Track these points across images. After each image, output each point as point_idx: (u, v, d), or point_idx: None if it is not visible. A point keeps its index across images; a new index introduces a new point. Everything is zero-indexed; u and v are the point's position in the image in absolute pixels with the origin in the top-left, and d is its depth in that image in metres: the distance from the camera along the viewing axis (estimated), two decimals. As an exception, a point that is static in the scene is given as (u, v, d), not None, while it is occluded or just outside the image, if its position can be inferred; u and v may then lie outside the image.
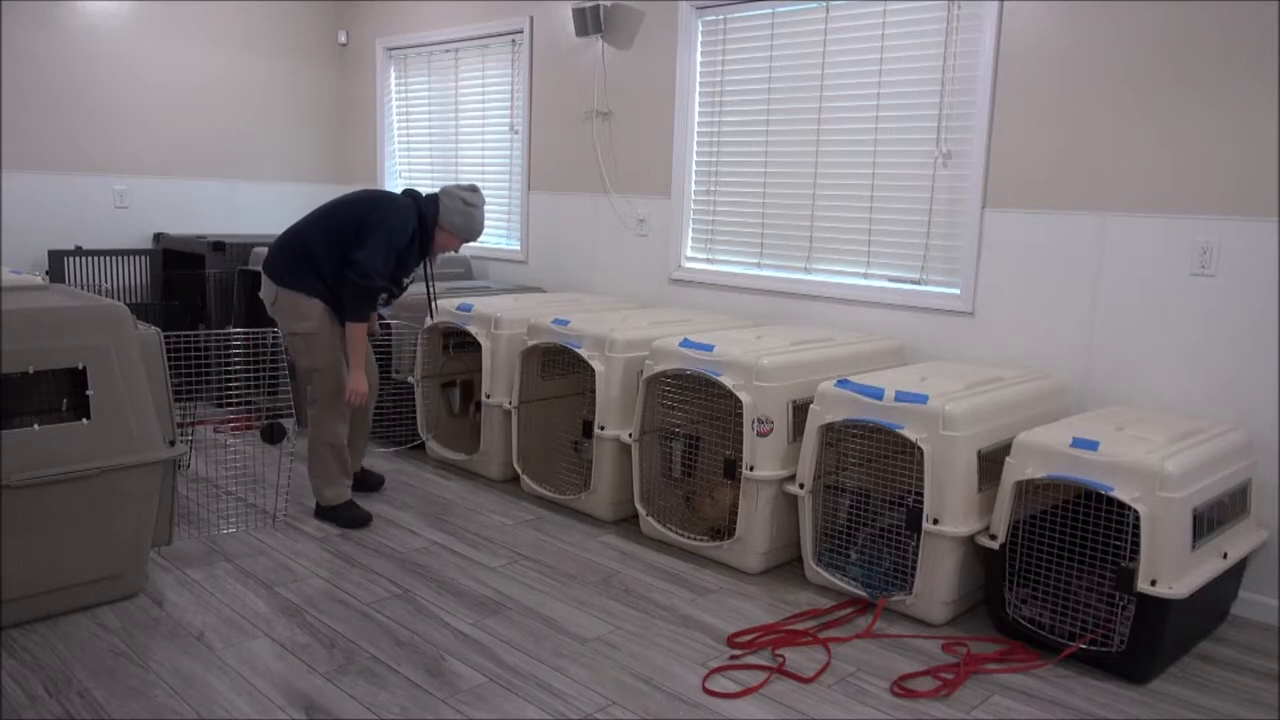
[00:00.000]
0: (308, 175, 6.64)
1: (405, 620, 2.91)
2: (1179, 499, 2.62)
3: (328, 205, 3.54)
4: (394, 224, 3.42)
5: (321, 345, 3.50)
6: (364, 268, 3.36)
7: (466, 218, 3.56)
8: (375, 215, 3.42)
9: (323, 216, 3.51)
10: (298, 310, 3.47)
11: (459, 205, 3.55)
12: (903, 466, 3.12)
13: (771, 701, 2.53)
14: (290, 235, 3.52)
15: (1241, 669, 2.85)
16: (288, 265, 3.47)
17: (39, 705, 2.37)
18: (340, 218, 3.47)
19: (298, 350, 3.53)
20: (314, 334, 3.48)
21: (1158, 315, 3.32)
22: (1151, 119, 3.29)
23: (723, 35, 4.50)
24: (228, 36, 6.12)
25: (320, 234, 3.46)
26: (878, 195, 4.03)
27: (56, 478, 2.69)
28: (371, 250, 3.38)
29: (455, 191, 3.56)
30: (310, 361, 3.53)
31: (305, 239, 3.47)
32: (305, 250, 3.46)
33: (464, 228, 3.57)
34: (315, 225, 3.49)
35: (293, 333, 3.51)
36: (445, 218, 3.55)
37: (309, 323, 3.48)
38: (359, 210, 3.45)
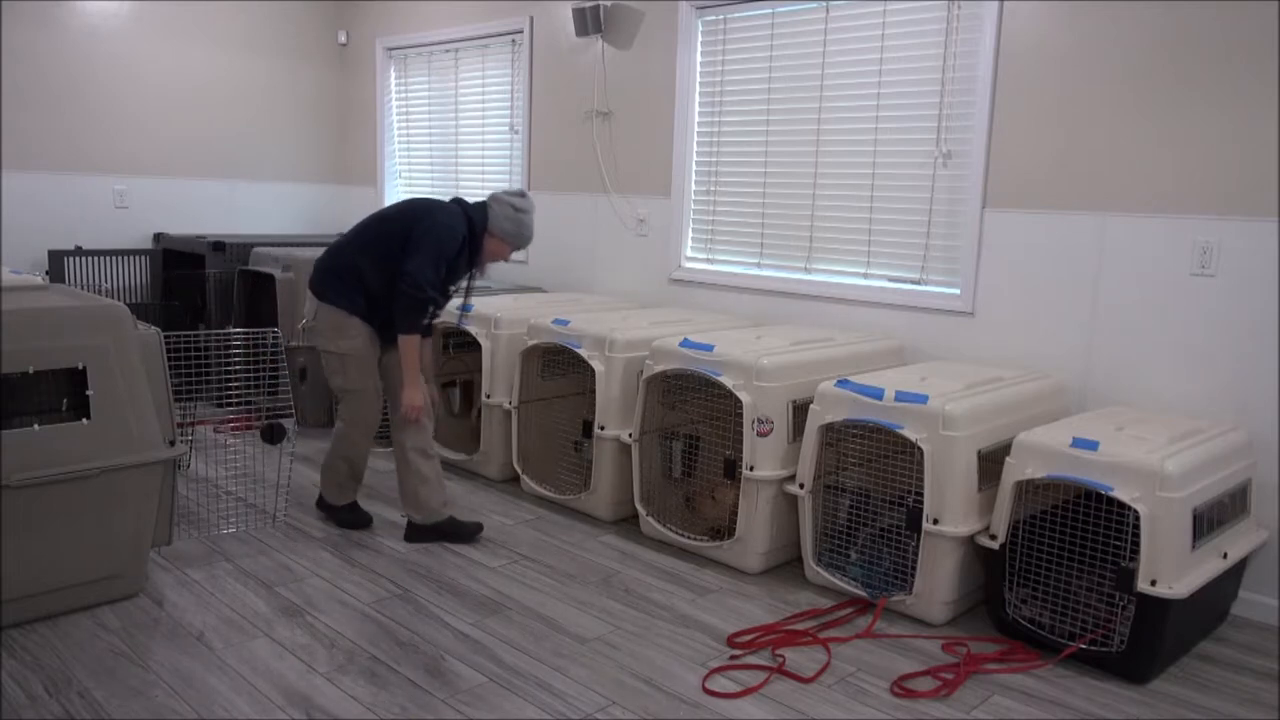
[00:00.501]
0: (308, 175, 6.64)
1: (405, 620, 2.91)
2: (1179, 499, 2.61)
3: (372, 217, 3.42)
4: (443, 232, 3.27)
5: (357, 367, 3.39)
6: (415, 278, 3.22)
7: (517, 224, 3.40)
8: (423, 224, 3.27)
9: (367, 229, 3.38)
10: (338, 327, 3.35)
11: (509, 211, 3.38)
12: (903, 466, 3.12)
13: (771, 701, 2.53)
14: (334, 250, 3.40)
15: (1241, 669, 2.85)
16: (331, 280, 3.35)
17: (39, 705, 2.37)
18: (386, 230, 3.33)
19: (331, 369, 3.42)
20: (350, 355, 3.37)
21: (1158, 315, 3.32)
22: (1151, 119, 3.29)
23: (723, 35, 4.50)
24: (228, 36, 6.12)
25: (366, 247, 3.33)
26: (878, 195, 4.03)
27: (56, 478, 2.69)
28: (421, 260, 3.23)
29: (504, 197, 3.41)
30: (343, 382, 3.42)
31: (350, 253, 3.34)
32: (350, 265, 3.33)
33: (515, 234, 3.41)
34: (360, 238, 3.36)
35: (329, 351, 3.39)
36: (495, 224, 3.38)
37: (348, 342, 3.36)
38: (406, 221, 3.31)
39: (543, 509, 3.97)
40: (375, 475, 4.33)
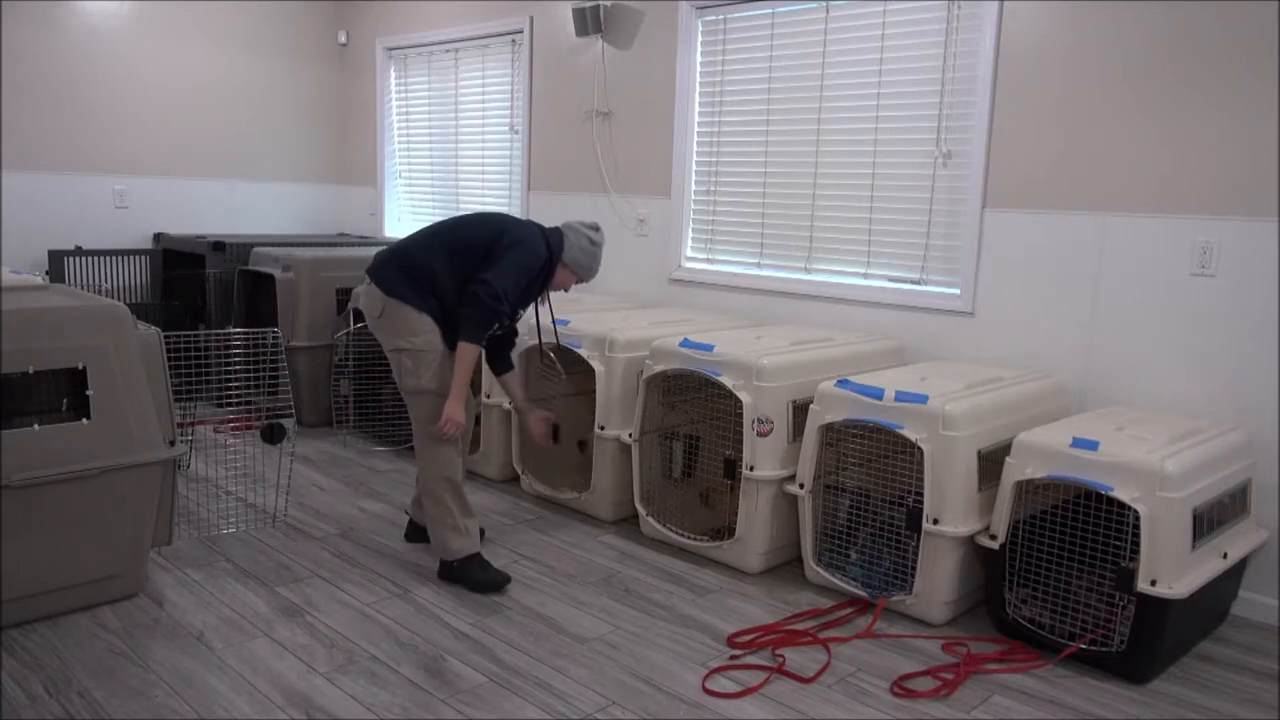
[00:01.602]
0: (308, 175, 6.64)
1: (405, 620, 2.91)
2: (1179, 499, 2.61)
3: (448, 222, 3.23)
4: (529, 249, 3.12)
5: (431, 365, 3.13)
6: (493, 287, 3.02)
7: (590, 257, 3.26)
8: (508, 237, 3.11)
9: (443, 232, 3.19)
10: (408, 324, 3.12)
11: (584, 243, 3.24)
12: (903, 466, 3.12)
13: (771, 701, 2.53)
14: (404, 247, 3.19)
15: (1241, 669, 2.85)
16: (400, 275, 3.13)
17: (39, 705, 2.37)
18: (465, 236, 3.15)
19: (404, 369, 3.15)
20: (425, 351, 3.12)
21: (1158, 315, 3.32)
22: (1151, 119, 3.29)
23: (723, 35, 4.50)
24: (228, 36, 6.12)
25: (441, 250, 3.13)
26: (878, 195, 4.03)
27: (56, 478, 2.69)
28: (503, 271, 3.05)
29: (580, 228, 3.25)
30: (417, 381, 3.14)
31: (422, 252, 3.14)
32: (422, 264, 3.13)
33: (586, 267, 3.26)
34: (435, 240, 3.16)
35: (399, 349, 3.14)
36: (569, 254, 3.22)
37: (420, 338, 3.11)
38: (488, 231, 3.14)
39: (543, 509, 3.97)
40: (376, 475, 4.34)
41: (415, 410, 3.17)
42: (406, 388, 3.17)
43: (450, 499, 3.16)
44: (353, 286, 5.01)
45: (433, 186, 6.19)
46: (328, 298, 5.00)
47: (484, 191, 5.82)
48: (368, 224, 6.63)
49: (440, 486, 3.15)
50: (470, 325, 3.05)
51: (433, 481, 3.16)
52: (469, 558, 3.17)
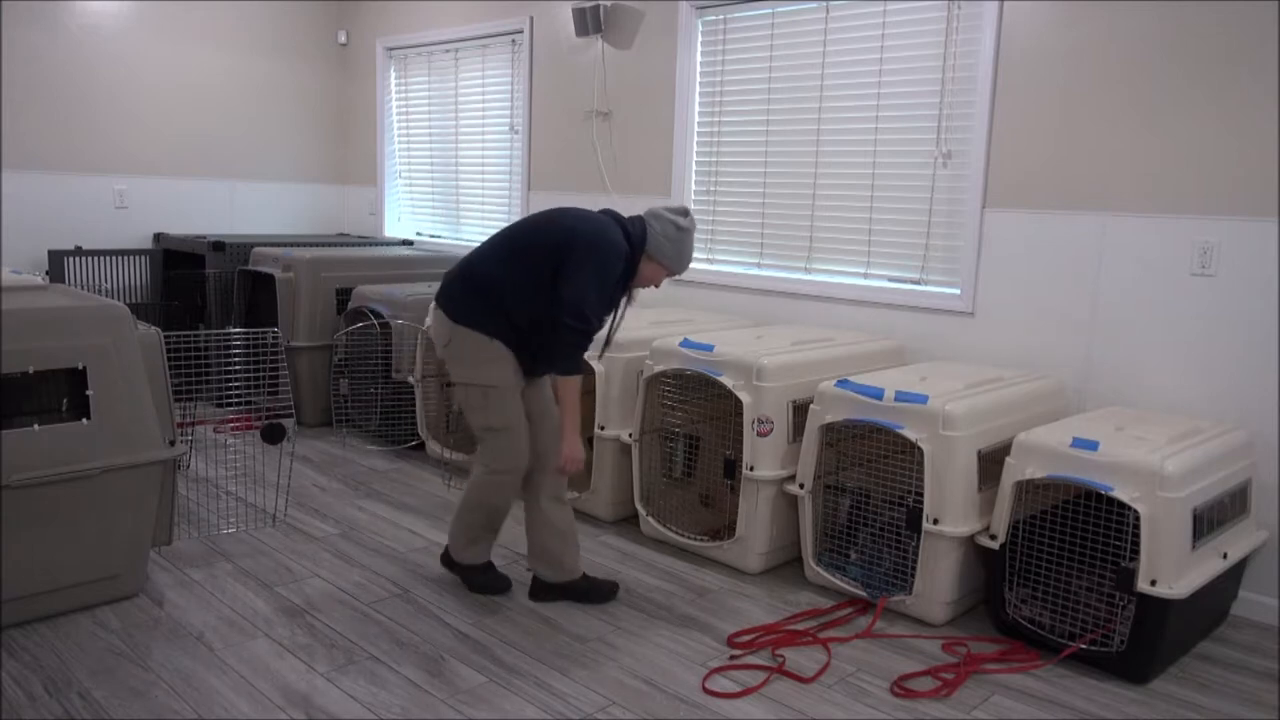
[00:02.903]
0: (308, 175, 6.64)
1: (405, 620, 2.91)
2: (1179, 499, 2.61)
3: (514, 229, 2.89)
4: (607, 251, 2.78)
5: (503, 402, 2.86)
6: (579, 308, 2.73)
7: (679, 245, 2.90)
8: (583, 240, 2.76)
9: (509, 241, 2.86)
10: (477, 354, 2.84)
11: (671, 230, 2.88)
12: (903, 466, 3.12)
13: (772, 701, 2.53)
14: (470, 264, 2.88)
15: (1241, 669, 2.85)
16: (468, 298, 2.83)
17: (39, 705, 2.37)
18: (533, 244, 2.81)
19: (472, 405, 2.89)
20: (496, 387, 2.85)
21: (1158, 315, 3.32)
22: (1151, 119, 3.29)
23: (723, 35, 4.50)
24: (228, 36, 6.12)
25: (509, 264, 2.81)
26: (878, 195, 4.03)
27: (56, 478, 2.69)
28: (583, 285, 2.74)
29: (665, 214, 2.90)
30: (486, 419, 2.89)
31: (490, 269, 2.83)
32: (490, 283, 2.81)
33: (675, 258, 2.91)
34: (501, 253, 2.84)
35: (469, 383, 2.87)
36: (654, 245, 2.88)
37: (492, 371, 2.84)
38: (558, 236, 2.78)
39: (543, 509, 3.97)
40: (376, 475, 4.34)
41: (482, 444, 2.94)
42: (474, 424, 2.92)
43: (482, 521, 3.04)
44: (353, 286, 5.01)
45: (433, 186, 6.19)
46: (328, 298, 5.00)
47: (484, 191, 5.82)
48: (368, 224, 6.63)
49: (479, 511, 3.02)
50: (564, 356, 2.79)
51: (474, 506, 3.01)
52: (479, 564, 3.14)
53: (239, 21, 6.16)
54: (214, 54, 6.08)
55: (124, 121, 5.76)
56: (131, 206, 5.84)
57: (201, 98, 6.06)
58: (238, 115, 6.24)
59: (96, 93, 5.63)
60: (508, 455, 2.93)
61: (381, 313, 4.64)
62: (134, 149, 5.82)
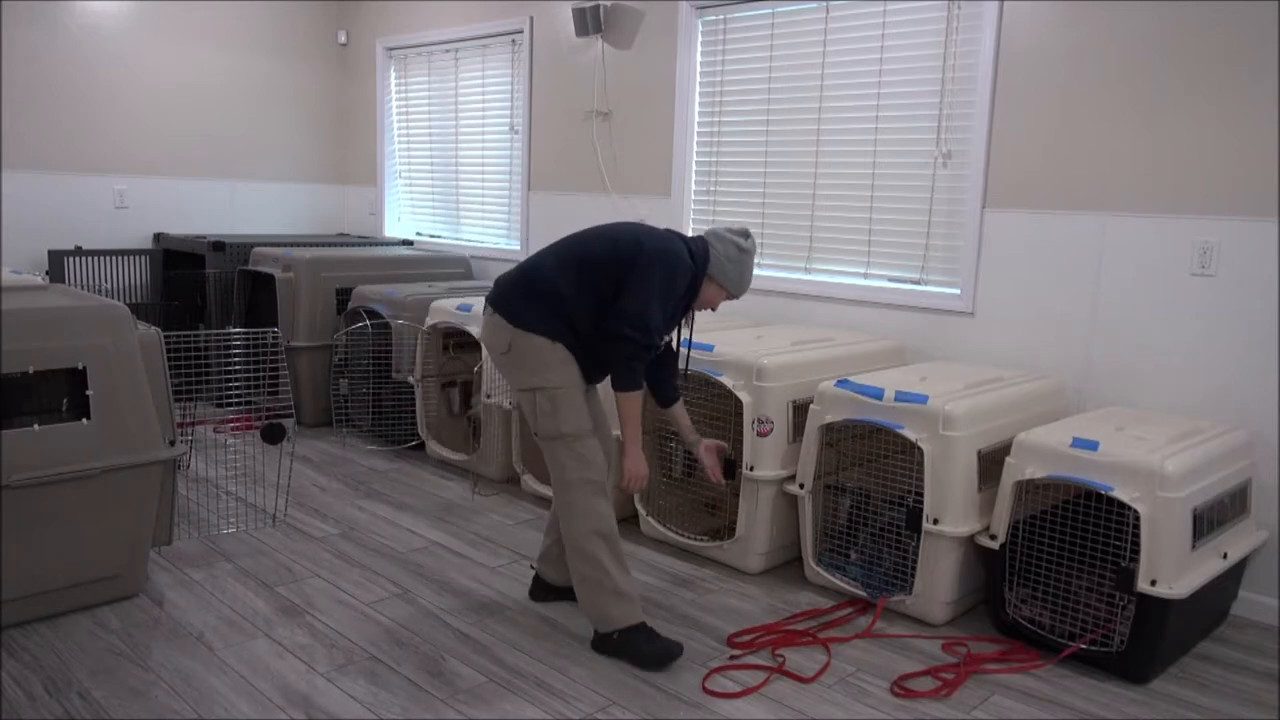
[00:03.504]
0: (308, 175, 6.64)
1: (405, 620, 2.91)
2: (1179, 499, 2.61)
3: (575, 238, 2.80)
4: (674, 266, 2.69)
5: (571, 405, 2.71)
6: (643, 319, 2.62)
7: (740, 268, 2.81)
8: (646, 254, 2.67)
9: (570, 251, 2.76)
10: (542, 359, 2.70)
11: (733, 251, 2.79)
12: (903, 466, 3.12)
13: (772, 701, 2.53)
14: (528, 270, 2.77)
15: (1241, 669, 2.85)
16: (527, 302, 2.71)
17: (39, 705, 2.37)
18: (596, 251, 2.72)
19: (539, 411, 2.72)
20: (563, 389, 2.70)
21: (1158, 315, 3.32)
22: (1151, 119, 3.29)
23: (723, 35, 4.50)
24: (228, 36, 6.12)
25: (570, 271, 2.71)
26: (878, 195, 4.03)
27: (56, 478, 2.69)
28: (645, 297, 2.63)
29: (727, 235, 2.81)
30: (555, 425, 2.71)
31: (549, 275, 2.72)
32: (550, 288, 2.70)
33: (736, 281, 2.82)
34: (562, 259, 2.74)
35: (533, 388, 2.71)
36: (715, 266, 2.79)
37: (556, 374, 2.70)
38: (622, 245, 2.70)
39: (543, 509, 3.97)
40: (376, 475, 4.34)
41: (555, 456, 2.74)
42: (544, 432, 2.74)
43: (606, 556, 2.71)
44: (353, 286, 5.01)
45: (433, 186, 6.19)
46: (328, 298, 5.00)
47: (484, 191, 5.82)
48: (368, 224, 6.63)
49: (592, 543, 2.71)
50: (622, 371, 2.67)
51: (581, 537, 2.72)
52: (633, 628, 2.72)
53: (239, 21, 6.16)
54: (214, 54, 6.08)
55: (124, 121, 5.76)
56: (131, 206, 5.84)
57: (201, 98, 6.06)
58: (238, 115, 6.24)
59: (96, 93, 5.63)
60: (587, 458, 2.73)
61: (381, 313, 4.64)
62: (134, 149, 5.82)
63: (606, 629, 2.72)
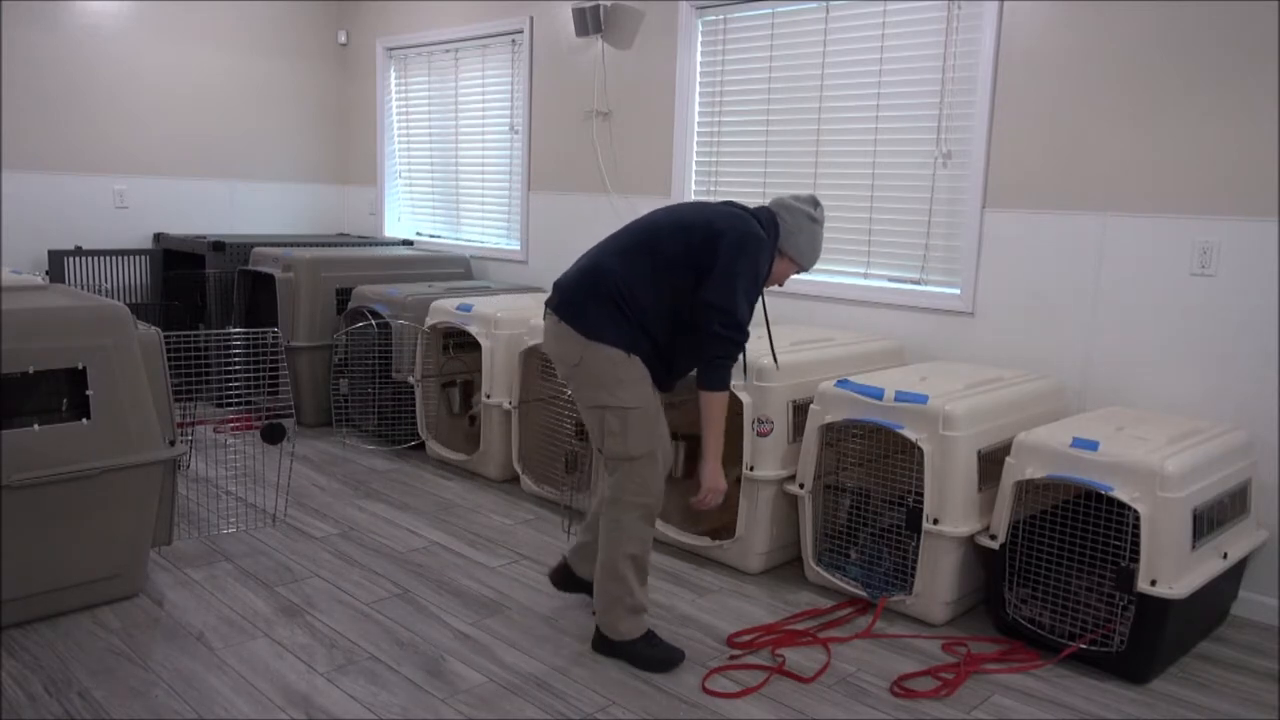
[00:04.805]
0: (308, 175, 6.64)
1: (405, 620, 2.91)
2: (1179, 499, 2.61)
3: (638, 230, 2.57)
4: (756, 249, 2.50)
5: (644, 425, 2.54)
6: (734, 315, 2.45)
7: (812, 238, 2.64)
8: (729, 239, 2.47)
9: (639, 244, 2.53)
10: (614, 373, 2.50)
11: (804, 221, 2.62)
12: (903, 466, 3.12)
13: (772, 701, 2.53)
14: (593, 270, 2.53)
15: (1241, 669, 2.85)
16: (600, 310, 2.49)
17: (39, 705, 2.37)
18: (668, 246, 2.50)
19: (607, 430, 2.55)
20: (634, 409, 2.52)
21: (1158, 315, 3.32)
22: (1151, 119, 3.29)
23: (723, 35, 4.50)
24: (228, 36, 6.12)
25: (640, 269, 2.49)
26: (878, 195, 4.03)
27: (56, 478, 2.69)
28: (731, 288, 2.45)
29: (796, 205, 2.63)
30: (623, 447, 2.55)
31: (618, 275, 2.50)
32: (620, 290, 2.49)
33: (808, 253, 2.66)
34: (630, 256, 2.52)
35: (603, 405, 2.53)
36: (786, 238, 2.62)
37: (628, 391, 2.51)
38: (696, 236, 2.49)
39: (543, 509, 3.97)
40: (375, 475, 4.34)
41: (615, 477, 2.61)
42: (610, 453, 2.58)
43: (633, 578, 2.64)
44: (353, 286, 5.01)
45: (433, 186, 6.19)
46: (328, 298, 5.00)
47: (484, 191, 5.82)
48: (368, 224, 6.63)
49: (624, 565, 2.62)
50: (713, 369, 2.50)
51: (618, 558, 2.62)
52: (638, 638, 2.68)
53: (239, 21, 6.16)
54: (214, 54, 6.08)
55: (124, 121, 5.76)
56: (131, 206, 5.84)
57: (201, 98, 6.06)
58: (238, 115, 6.24)
59: (96, 93, 5.63)
60: (649, 484, 2.59)
61: (381, 313, 4.64)
62: (134, 149, 5.82)
63: (612, 637, 2.70)
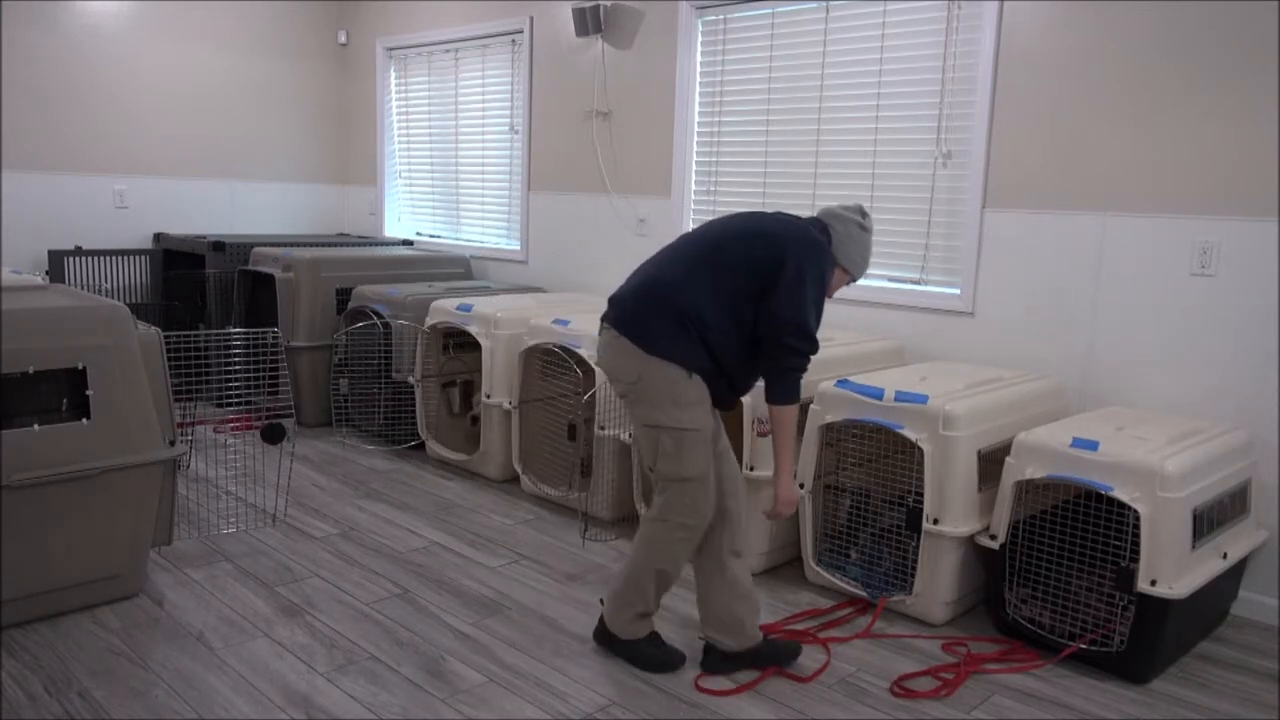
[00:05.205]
0: (308, 175, 6.64)
1: (405, 620, 2.91)
2: (1179, 499, 2.61)
3: (697, 242, 2.52)
4: (820, 259, 2.46)
5: (698, 447, 2.48)
6: (805, 325, 2.40)
7: (862, 248, 2.61)
8: (795, 250, 2.43)
9: (698, 255, 2.48)
10: (674, 392, 2.44)
11: (854, 231, 2.59)
12: (903, 466, 3.12)
13: (772, 701, 2.53)
14: (653, 283, 2.47)
15: (1241, 669, 2.85)
16: (663, 325, 2.42)
17: (39, 705, 2.37)
18: (732, 257, 2.45)
19: (662, 451, 2.49)
20: (691, 430, 2.46)
21: (1158, 315, 3.32)
22: (1151, 119, 3.29)
23: (723, 35, 4.50)
24: (228, 36, 6.12)
25: (702, 281, 2.43)
26: (878, 195, 4.03)
27: (56, 478, 2.69)
28: (801, 300, 2.40)
29: (846, 214, 2.60)
30: (678, 468, 2.49)
31: (680, 288, 2.43)
32: (683, 304, 2.42)
33: (860, 262, 2.62)
34: (692, 268, 2.45)
35: (659, 425, 2.47)
36: (839, 249, 2.57)
37: (687, 412, 2.45)
38: (759, 247, 2.45)
39: (543, 509, 3.97)
40: (375, 475, 4.34)
41: (665, 497, 2.54)
42: (663, 474, 2.52)
43: (653, 589, 2.62)
44: (353, 286, 5.01)
45: (433, 186, 6.19)
46: (328, 298, 5.00)
47: (484, 191, 5.82)
48: (368, 224, 6.63)
49: (649, 578, 2.59)
50: (783, 382, 2.46)
51: (644, 570, 2.59)
52: (640, 639, 2.69)
53: (239, 21, 6.16)
54: (214, 54, 6.08)
55: (124, 121, 5.76)
56: (131, 206, 5.84)
57: (201, 98, 6.06)
58: (238, 115, 6.24)
59: (96, 93, 5.63)
60: (698, 507, 2.52)
61: (381, 313, 4.64)
62: (134, 149, 5.82)
63: (618, 634, 2.69)
